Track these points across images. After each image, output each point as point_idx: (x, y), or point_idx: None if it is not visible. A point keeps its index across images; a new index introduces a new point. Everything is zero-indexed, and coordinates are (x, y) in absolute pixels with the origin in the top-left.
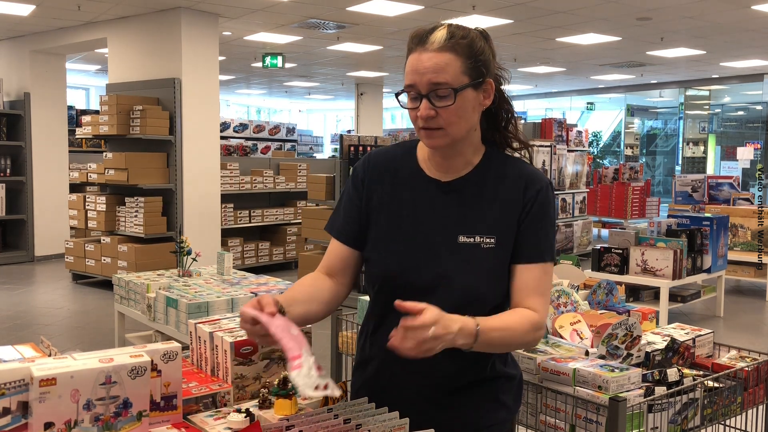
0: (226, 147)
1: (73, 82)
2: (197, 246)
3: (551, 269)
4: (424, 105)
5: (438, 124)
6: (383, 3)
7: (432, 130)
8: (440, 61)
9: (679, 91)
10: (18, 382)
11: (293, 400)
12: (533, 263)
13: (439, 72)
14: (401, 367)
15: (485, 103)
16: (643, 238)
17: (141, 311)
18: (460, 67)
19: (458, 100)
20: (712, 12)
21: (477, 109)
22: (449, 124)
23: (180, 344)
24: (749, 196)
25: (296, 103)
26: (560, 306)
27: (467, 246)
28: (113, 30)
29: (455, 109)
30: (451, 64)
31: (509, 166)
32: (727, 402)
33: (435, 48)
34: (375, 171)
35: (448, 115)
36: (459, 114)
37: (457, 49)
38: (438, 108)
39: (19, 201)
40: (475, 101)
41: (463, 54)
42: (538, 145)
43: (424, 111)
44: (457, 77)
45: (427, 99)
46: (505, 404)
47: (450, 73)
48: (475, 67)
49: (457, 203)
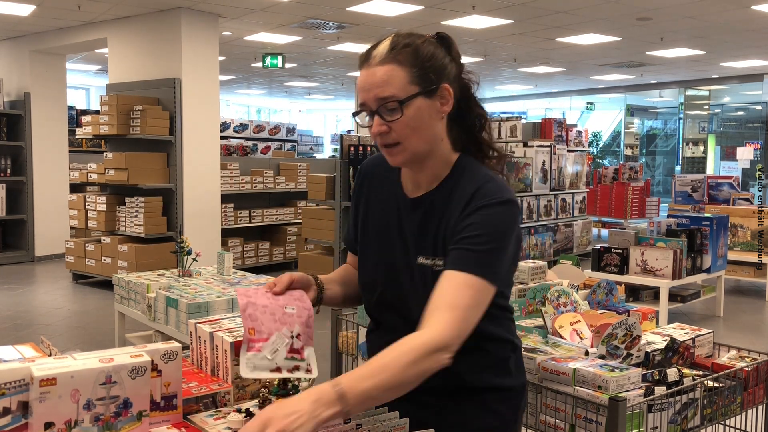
0: (226, 147)
1: (73, 82)
2: (197, 246)
3: (481, 288)
4: (376, 121)
5: (393, 139)
6: (383, 3)
7: (390, 147)
8: (383, 74)
9: (679, 91)
10: (18, 382)
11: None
12: (455, 270)
13: (384, 85)
14: None
15: (444, 110)
16: (643, 238)
17: (141, 311)
18: (405, 77)
19: (408, 111)
20: (712, 12)
21: (435, 118)
22: (404, 138)
23: (180, 344)
24: (749, 196)
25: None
26: (560, 306)
27: (423, 268)
28: (113, 30)
29: (407, 122)
30: (395, 75)
31: (470, 177)
32: (726, 402)
33: (377, 62)
34: (365, 182)
35: (401, 128)
36: (412, 126)
37: (399, 59)
38: (389, 122)
39: (19, 201)
40: (431, 110)
41: (408, 63)
42: (538, 145)
43: (375, 127)
44: (403, 88)
45: (378, 115)
46: (497, 412)
47: (395, 85)
48: (423, 75)
49: (420, 221)
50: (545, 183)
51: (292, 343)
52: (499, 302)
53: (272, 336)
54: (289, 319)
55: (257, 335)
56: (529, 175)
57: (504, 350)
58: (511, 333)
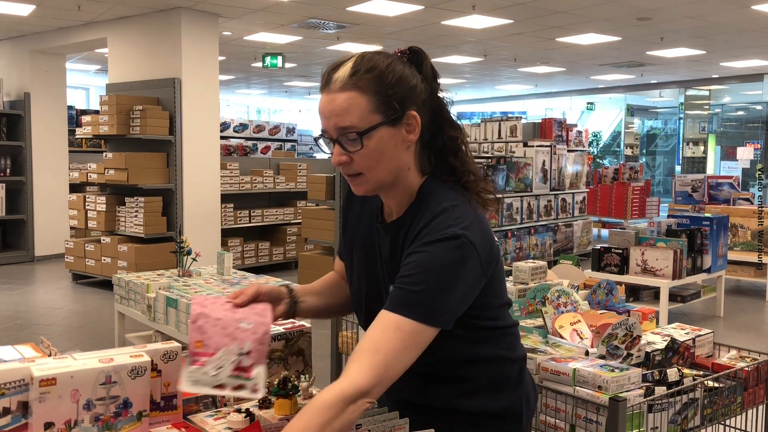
0: (226, 147)
1: (73, 82)
2: (197, 246)
3: (412, 330)
4: (337, 150)
5: (354, 170)
6: (383, 3)
7: (353, 177)
8: (343, 102)
9: (679, 91)
10: (18, 382)
11: (293, 400)
12: (387, 311)
13: (343, 114)
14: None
15: (410, 138)
16: (643, 238)
17: (141, 311)
18: (366, 105)
19: (369, 142)
20: (712, 12)
21: (400, 147)
22: (367, 169)
23: (180, 344)
24: (749, 196)
25: (296, 102)
26: (560, 306)
27: None
28: (113, 30)
29: (370, 153)
30: (355, 103)
31: (429, 209)
32: (727, 402)
33: (337, 88)
34: (354, 200)
35: (362, 159)
36: (375, 157)
37: (361, 85)
38: (350, 153)
39: (19, 201)
40: (396, 139)
41: (370, 90)
42: (538, 145)
43: (336, 157)
44: (364, 117)
45: (339, 144)
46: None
47: (355, 114)
48: (386, 103)
49: (390, 248)
50: (545, 183)
51: (240, 360)
52: (489, 324)
53: (219, 352)
54: (242, 335)
55: (204, 349)
56: (529, 175)
57: (500, 368)
58: (511, 349)
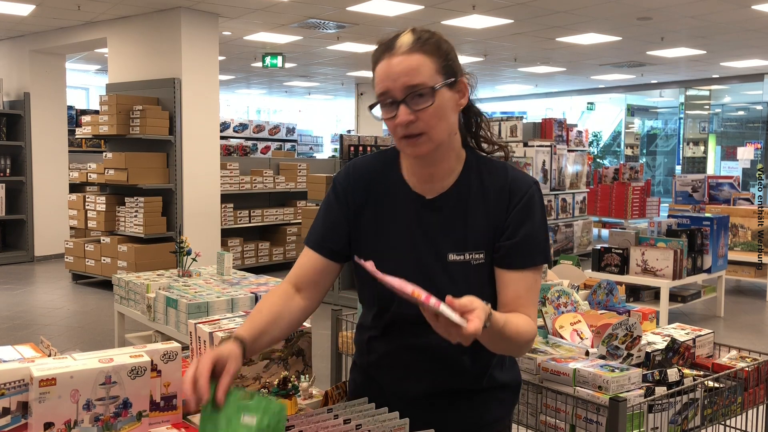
0: (226, 147)
1: (73, 82)
2: (197, 246)
3: (541, 274)
4: (403, 110)
5: (419, 129)
6: (383, 3)
7: (414, 138)
8: (412, 62)
9: (680, 91)
10: (18, 382)
11: (293, 400)
12: (524, 270)
13: (413, 74)
14: (401, 374)
15: (462, 102)
16: (644, 238)
17: (141, 311)
18: (432, 66)
19: (436, 100)
20: (712, 12)
21: (455, 110)
22: (431, 127)
23: (180, 344)
24: (749, 196)
25: (296, 102)
26: (560, 306)
27: (457, 264)
28: (113, 30)
29: (435, 110)
30: (423, 64)
31: (492, 173)
32: (727, 402)
33: (404, 51)
34: (358, 184)
35: (429, 117)
36: (439, 115)
37: (426, 49)
38: (417, 111)
39: (19, 201)
40: (452, 101)
41: (434, 53)
42: (538, 145)
43: (403, 116)
44: (432, 77)
45: (404, 104)
46: (500, 406)
47: (424, 74)
48: (447, 66)
49: (444, 220)
50: (545, 183)
51: None
52: None
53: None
54: None
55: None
56: None
57: None
58: None
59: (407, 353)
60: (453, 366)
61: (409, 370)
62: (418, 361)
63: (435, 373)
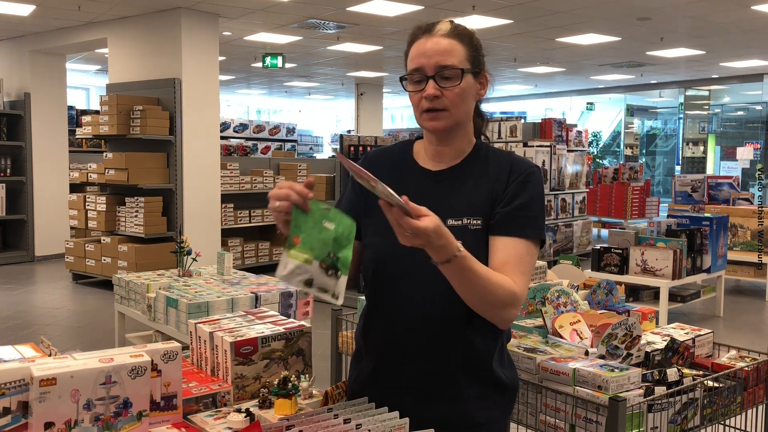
0: (226, 147)
1: (73, 82)
2: (197, 246)
3: (535, 250)
4: (431, 85)
5: (443, 104)
6: (383, 3)
7: (436, 111)
8: (447, 45)
9: (679, 91)
10: (18, 382)
11: (293, 400)
12: (514, 237)
13: (447, 55)
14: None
15: (481, 93)
16: (643, 238)
17: (141, 311)
18: (464, 53)
19: (462, 83)
20: (712, 12)
21: (474, 98)
22: (453, 105)
23: (180, 344)
24: (749, 196)
25: (296, 103)
26: (560, 306)
27: (455, 228)
28: (113, 30)
29: (460, 91)
30: (456, 49)
31: (499, 154)
32: (726, 402)
33: (442, 34)
34: (372, 166)
35: (453, 96)
36: (462, 96)
37: (461, 37)
38: (444, 89)
39: (19, 201)
40: (474, 89)
41: (466, 43)
42: (538, 145)
43: (431, 90)
44: (462, 62)
45: (434, 80)
46: (498, 403)
47: (456, 57)
48: (476, 57)
49: (446, 190)
50: (545, 183)
51: None
52: None
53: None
54: None
55: None
56: None
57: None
58: None
59: (403, 333)
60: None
61: (405, 348)
62: (413, 338)
63: (430, 350)
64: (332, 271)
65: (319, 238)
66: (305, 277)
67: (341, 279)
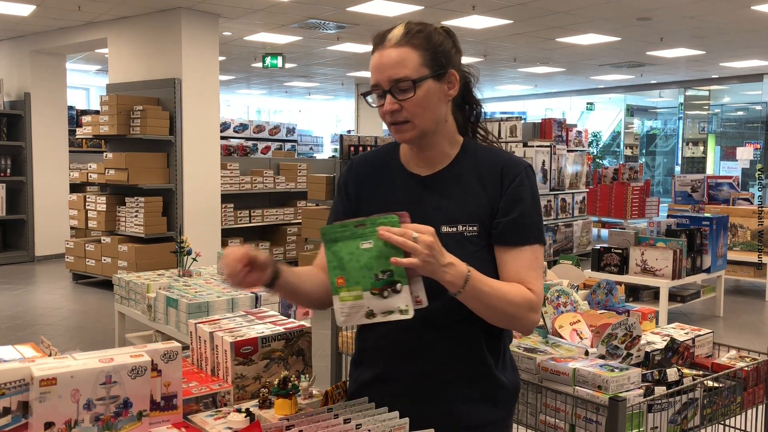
0: (226, 147)
1: (73, 82)
2: (197, 246)
3: (540, 252)
4: (388, 100)
5: (403, 117)
6: (383, 3)
7: (399, 124)
8: (398, 56)
9: (679, 91)
10: (18, 382)
11: (293, 400)
12: (521, 246)
13: (398, 67)
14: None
15: (450, 93)
16: (643, 238)
17: (141, 311)
18: (418, 60)
19: (419, 91)
20: (712, 12)
21: (443, 100)
22: (414, 116)
23: (180, 344)
24: (749, 196)
25: (296, 103)
26: (560, 306)
27: (450, 236)
28: (113, 30)
29: (418, 101)
30: (409, 57)
31: (487, 155)
32: (726, 402)
33: (392, 44)
34: (358, 173)
35: (412, 107)
36: (423, 105)
37: (414, 42)
38: (401, 101)
39: (19, 201)
40: (440, 92)
41: (421, 47)
42: (538, 145)
43: (388, 106)
44: (416, 70)
45: (390, 94)
46: (498, 406)
47: (409, 67)
48: (434, 59)
49: (439, 196)
50: (545, 183)
51: None
52: None
53: None
54: None
55: None
56: None
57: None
58: None
59: (403, 335)
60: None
61: (405, 351)
62: (413, 340)
63: (430, 353)
64: (388, 290)
65: (361, 267)
66: (364, 312)
67: (402, 291)
